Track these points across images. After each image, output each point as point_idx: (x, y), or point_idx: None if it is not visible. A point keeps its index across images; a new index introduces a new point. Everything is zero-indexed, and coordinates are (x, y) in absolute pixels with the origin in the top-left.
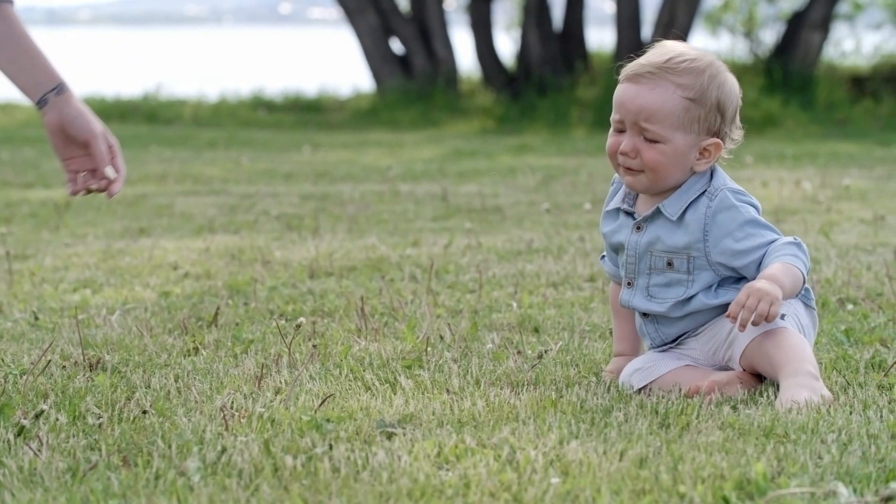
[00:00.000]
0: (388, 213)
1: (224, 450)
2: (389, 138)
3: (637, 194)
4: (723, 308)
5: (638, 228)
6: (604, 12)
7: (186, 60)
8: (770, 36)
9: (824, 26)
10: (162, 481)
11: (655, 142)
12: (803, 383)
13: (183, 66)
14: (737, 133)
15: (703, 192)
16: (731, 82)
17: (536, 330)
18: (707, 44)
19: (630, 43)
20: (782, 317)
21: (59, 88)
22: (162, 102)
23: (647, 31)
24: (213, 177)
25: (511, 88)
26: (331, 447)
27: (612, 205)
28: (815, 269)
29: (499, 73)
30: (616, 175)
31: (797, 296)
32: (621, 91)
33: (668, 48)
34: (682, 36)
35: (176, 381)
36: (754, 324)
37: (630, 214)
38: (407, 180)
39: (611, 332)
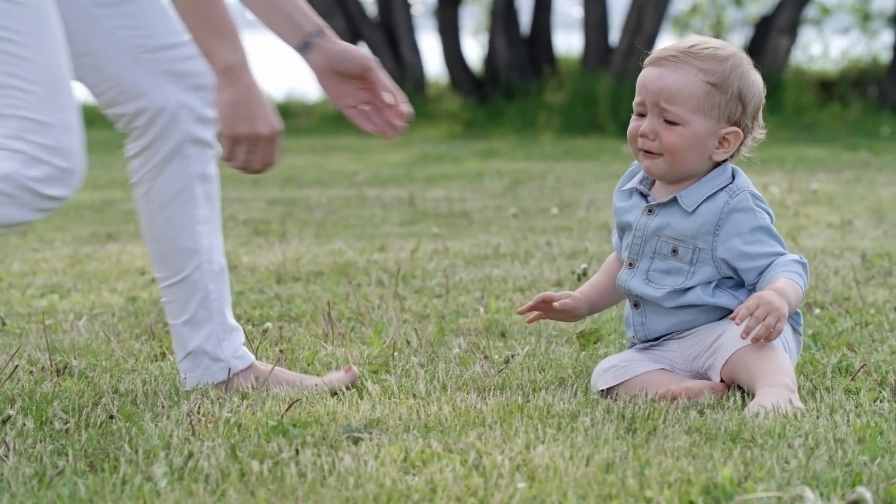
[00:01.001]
0: (355, 218)
1: (191, 455)
2: (357, 143)
3: (654, 180)
4: (714, 311)
5: (650, 211)
6: (571, 17)
7: None
8: (738, 40)
9: (792, 31)
10: (129, 486)
11: (675, 124)
12: (777, 393)
13: None
14: (759, 132)
15: (723, 188)
16: (755, 77)
17: (503, 335)
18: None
19: (598, 47)
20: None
21: (320, 31)
22: None
23: (614, 35)
24: None
25: (478, 93)
26: (297, 452)
27: (629, 185)
28: None
29: (466, 77)
30: (635, 161)
31: (788, 318)
32: (644, 74)
33: (694, 38)
34: (650, 41)
35: (143, 386)
36: (759, 336)
37: (644, 196)
38: (374, 185)
39: (577, 337)
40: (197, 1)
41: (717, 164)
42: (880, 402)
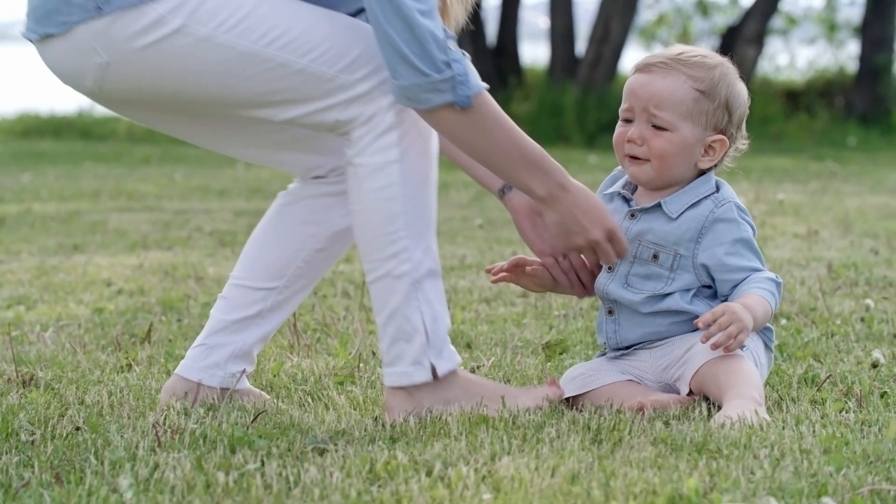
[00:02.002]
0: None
1: (157, 466)
2: None
3: (637, 185)
4: (687, 322)
5: (632, 216)
6: (538, 27)
7: None
8: None
9: (759, 41)
10: (94, 498)
11: (663, 130)
12: (744, 404)
13: None
14: (742, 142)
15: (708, 196)
16: (741, 87)
17: (469, 346)
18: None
19: (564, 58)
20: (742, 348)
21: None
22: (96, 119)
23: (581, 46)
24: (147, 193)
25: None
26: (263, 463)
27: (611, 189)
28: None
29: None
30: (615, 169)
31: (760, 333)
32: (632, 80)
33: (682, 46)
34: (616, 51)
35: (109, 397)
36: (719, 344)
37: (626, 201)
38: None
39: (543, 347)
40: (497, 142)
41: (702, 173)
42: (846, 412)
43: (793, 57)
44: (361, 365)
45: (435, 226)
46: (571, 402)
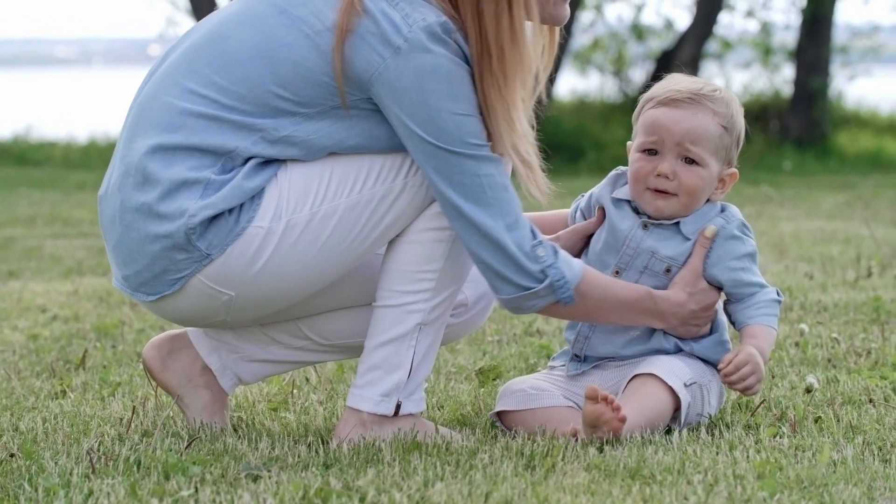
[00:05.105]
0: None
1: (91, 493)
2: None
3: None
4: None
5: (645, 227)
6: None
7: (57, 102)
8: (639, 75)
9: (694, 65)
10: None
11: (696, 165)
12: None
13: (53, 108)
14: None
15: (718, 215)
16: (743, 117)
17: None
18: (576, 84)
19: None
20: (692, 384)
21: None
22: (32, 144)
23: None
24: (83, 219)
25: None
26: (196, 490)
27: (619, 195)
28: None
29: None
30: (615, 171)
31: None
32: (661, 114)
33: (691, 78)
34: (550, 76)
35: (43, 424)
36: (736, 389)
37: (636, 211)
38: None
39: (476, 374)
40: (607, 313)
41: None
42: (780, 437)
43: (728, 81)
44: (295, 391)
45: (463, 283)
46: (503, 416)
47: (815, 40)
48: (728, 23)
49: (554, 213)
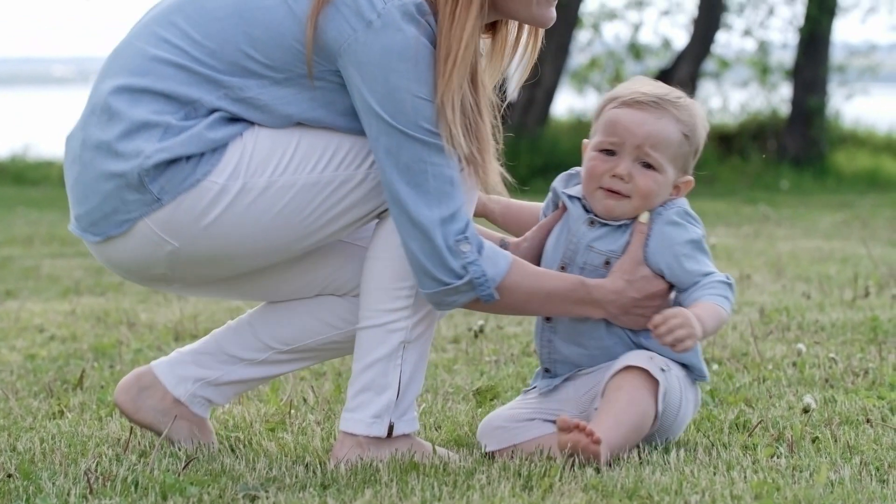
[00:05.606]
0: None
1: None
2: None
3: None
4: (620, 340)
5: (591, 223)
6: None
7: (54, 121)
8: None
9: (691, 84)
10: None
11: (653, 169)
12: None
13: (51, 127)
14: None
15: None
16: (707, 127)
17: None
18: (573, 103)
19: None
20: (666, 370)
21: None
22: (29, 164)
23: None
24: (81, 239)
25: None
26: None
27: (570, 191)
28: None
29: None
30: (570, 171)
31: (690, 374)
32: (623, 115)
33: (656, 83)
34: (549, 95)
35: (41, 444)
36: (664, 342)
37: (586, 209)
38: None
39: (474, 394)
40: (534, 307)
41: None
42: (777, 457)
43: (725, 100)
44: (293, 411)
45: None
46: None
47: (813, 59)
48: (725, 42)
49: (532, 206)
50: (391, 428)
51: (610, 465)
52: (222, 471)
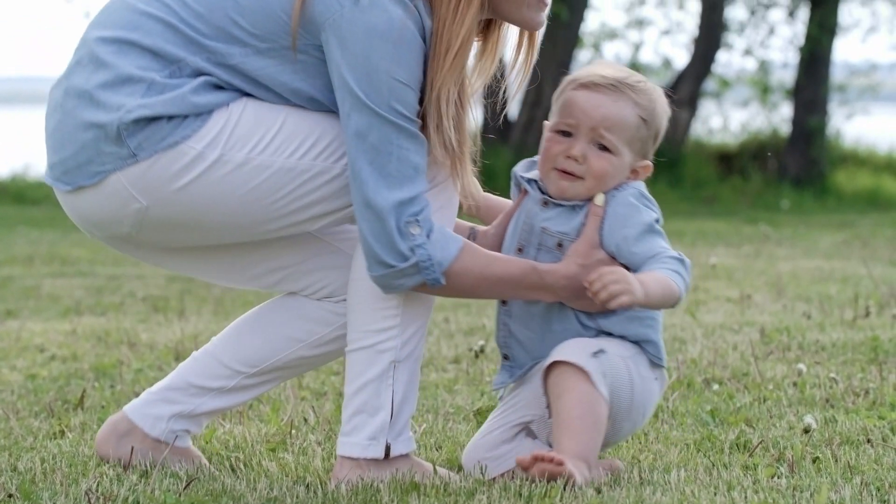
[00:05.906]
0: (253, 295)
1: None
2: None
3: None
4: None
5: (545, 204)
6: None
7: None
8: None
9: (692, 104)
10: None
11: (607, 151)
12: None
13: None
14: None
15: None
16: (668, 113)
17: None
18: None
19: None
20: (599, 352)
21: None
22: (30, 183)
23: (513, 108)
24: (81, 258)
25: None
26: None
27: (529, 175)
28: (681, 348)
29: None
30: (532, 158)
31: (644, 350)
32: (580, 96)
33: (618, 66)
34: (549, 114)
35: (42, 464)
36: (598, 298)
37: (541, 190)
38: None
39: (475, 414)
40: (484, 291)
41: None
42: (778, 478)
43: (726, 119)
44: (293, 432)
45: (431, 314)
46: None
47: (813, 79)
48: (726, 61)
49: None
50: (388, 449)
51: (610, 486)
52: (223, 491)
